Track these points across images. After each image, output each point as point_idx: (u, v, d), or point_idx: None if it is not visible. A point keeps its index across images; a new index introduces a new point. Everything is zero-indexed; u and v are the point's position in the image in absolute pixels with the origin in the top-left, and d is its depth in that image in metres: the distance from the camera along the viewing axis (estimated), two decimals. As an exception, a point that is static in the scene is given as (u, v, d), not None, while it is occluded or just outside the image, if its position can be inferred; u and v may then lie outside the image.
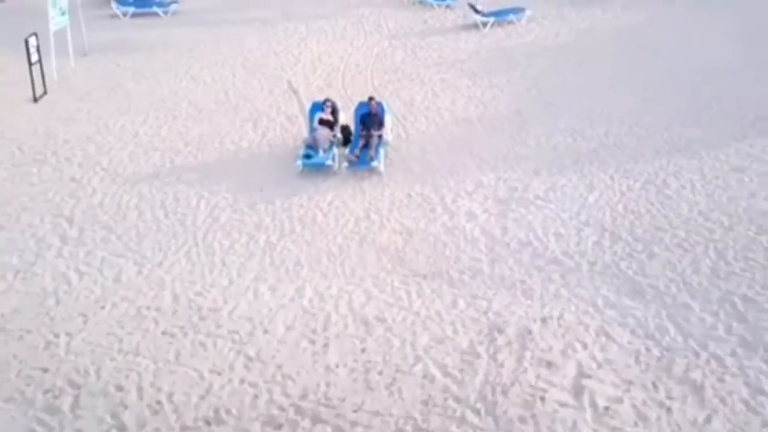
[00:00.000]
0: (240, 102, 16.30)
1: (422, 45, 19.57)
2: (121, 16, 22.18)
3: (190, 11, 22.66)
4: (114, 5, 22.29)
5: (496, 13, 20.77)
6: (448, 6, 22.13)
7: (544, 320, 9.39)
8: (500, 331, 9.21)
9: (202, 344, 9.21)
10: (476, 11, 20.63)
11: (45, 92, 16.49)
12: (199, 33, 20.80)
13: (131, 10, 22.29)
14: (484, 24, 20.45)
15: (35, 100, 16.32)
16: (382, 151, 13.30)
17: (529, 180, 12.62)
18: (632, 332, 9.14)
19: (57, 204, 12.51)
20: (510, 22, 20.74)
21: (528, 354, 8.83)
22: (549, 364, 8.67)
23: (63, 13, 17.44)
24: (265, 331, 9.38)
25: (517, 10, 21.02)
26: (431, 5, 22.29)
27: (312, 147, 13.23)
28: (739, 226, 11.06)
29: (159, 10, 22.33)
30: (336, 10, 22.42)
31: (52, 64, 17.15)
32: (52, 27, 17.04)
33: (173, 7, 22.51)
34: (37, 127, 15.26)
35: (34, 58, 16.12)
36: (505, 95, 16.25)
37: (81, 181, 13.22)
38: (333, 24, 21.16)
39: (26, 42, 15.89)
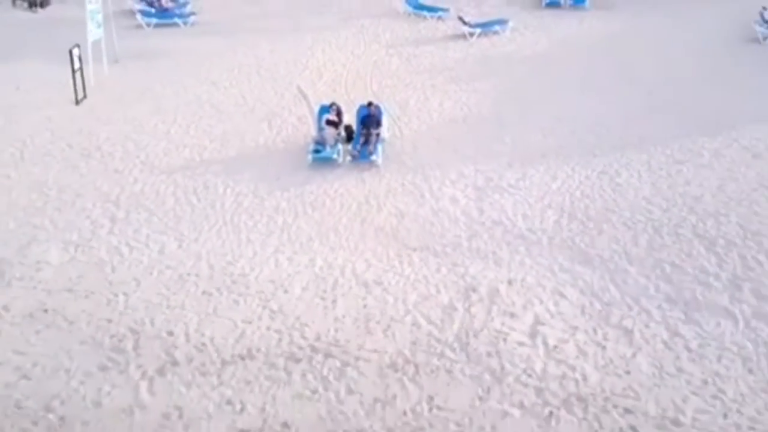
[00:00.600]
0: (256, 104, 18.31)
1: (416, 53, 21.57)
2: (145, 26, 24.13)
3: (207, 22, 24.59)
4: (139, 17, 24.25)
5: (482, 25, 22.77)
6: (440, 17, 24.09)
7: (510, 282, 11.46)
8: (474, 291, 11.28)
9: (235, 301, 11.28)
10: (464, 23, 22.62)
11: (85, 96, 18.50)
12: (216, 42, 22.77)
13: (154, 21, 24.26)
14: (471, 34, 22.43)
15: (77, 102, 18.33)
16: (379, 147, 15.33)
17: (503, 171, 14.67)
18: (580, 291, 11.21)
19: (105, 191, 14.56)
20: (495, 33, 22.74)
21: (495, 308, 10.91)
22: (512, 315, 10.75)
23: (99, 26, 19.46)
24: (285, 291, 11.44)
25: (502, 22, 23.02)
26: (425, 16, 24.25)
27: (320, 143, 15.27)
28: (674, 208, 13.13)
29: (179, 21, 24.30)
30: (339, 21, 24.37)
31: (89, 71, 19.16)
32: (90, 38, 19.06)
33: (192, 18, 24.46)
34: (81, 126, 17.27)
35: (77, 66, 18.14)
36: (487, 99, 18.27)
37: (123, 173, 15.27)
38: (336, 34, 23.11)
39: (70, 52, 17.91)
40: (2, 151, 16.17)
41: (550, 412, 9.05)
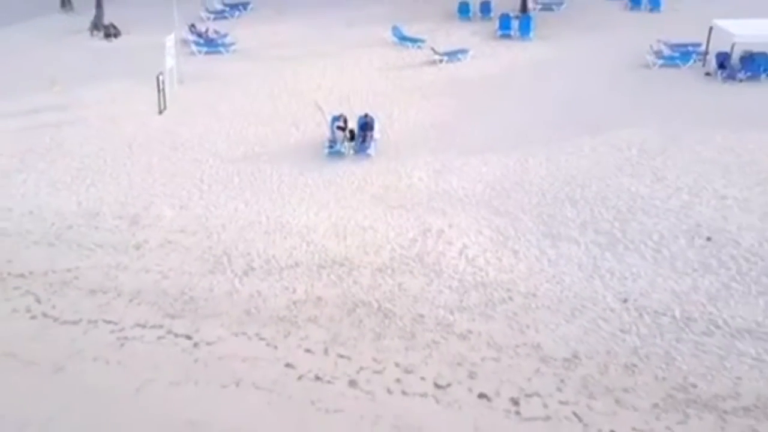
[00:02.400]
0: (286, 115, 24.78)
1: (399, 76, 28.07)
2: (197, 53, 30.62)
3: (242, 50, 31.01)
4: (192, 46, 30.75)
5: (449, 53, 29.22)
6: (418, 46, 30.48)
7: (450, 226, 18.13)
8: (428, 231, 17.96)
9: (284, 237, 17.93)
10: (435, 52, 29.13)
11: (165, 107, 25.11)
12: (251, 66, 29.26)
13: (204, 49, 30.74)
14: (441, 61, 28.94)
15: (160, 112, 24.93)
16: (373, 144, 21.89)
17: (453, 160, 21.24)
18: (491, 230, 17.87)
19: (191, 173, 21.14)
20: (458, 59, 29.26)
21: (440, 240, 17.59)
22: (449, 243, 17.42)
23: (172, 58, 26.00)
24: (314, 231, 18.09)
25: (464, 51, 29.45)
26: (407, 46, 30.72)
27: (332, 142, 21.89)
28: (557, 182, 19.77)
29: (222, 50, 30.79)
30: (341, 50, 30.65)
31: (166, 90, 25.73)
32: (167, 66, 25.60)
33: (232, 47, 30.95)
34: (166, 129, 23.87)
35: (161, 87, 24.74)
36: (449, 111, 24.81)
37: (201, 161, 21.89)
38: (340, 61, 29.46)
39: (157, 78, 24.52)
40: (117, 146, 22.80)
41: (465, 291, 15.81)
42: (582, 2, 35.85)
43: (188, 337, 15.23)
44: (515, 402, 13.29)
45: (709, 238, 17.00)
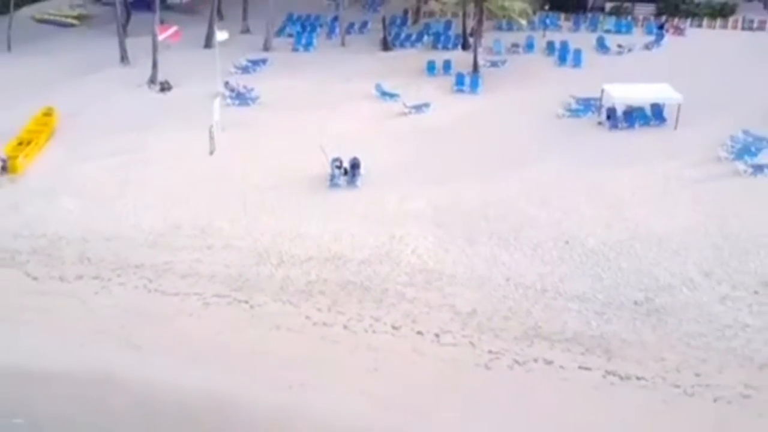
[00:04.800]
0: (300, 155, 33.76)
1: (379, 124, 36.87)
2: (232, 105, 39.68)
3: (264, 102, 39.35)
4: (228, 100, 39.80)
5: (416, 106, 38.07)
6: (395, 100, 39.53)
7: (407, 233, 27.23)
8: (393, 237, 27.19)
9: (302, 241, 27.11)
10: (405, 105, 38.17)
11: (214, 150, 34.23)
12: (272, 116, 37.85)
13: (237, 102, 39.85)
14: (410, 112, 38.04)
15: (211, 153, 34.05)
16: (359, 178, 31.03)
17: (413, 189, 30.26)
18: (435, 238, 27.08)
19: (237, 197, 30.19)
20: (423, 111, 38.30)
21: (401, 243, 26.79)
22: (406, 245, 26.62)
23: (218, 112, 35.11)
24: (321, 238, 27.29)
25: (427, 104, 38.31)
26: (386, 100, 39.75)
27: (332, 176, 31.09)
28: (478, 205, 28.95)
29: (250, 102, 39.87)
30: (337, 103, 38.83)
31: (215, 136, 34.77)
32: (215, 118, 34.68)
33: (257, 100, 39.99)
34: (216, 166, 32.88)
35: (212, 134, 33.86)
36: (413, 152, 33.69)
37: (243, 189, 30.95)
38: (336, 112, 37.35)
39: (210, 128, 33.65)
40: (181, 177, 31.81)
41: (414, 274, 25.05)
42: (521, 59, 44.90)
43: (246, 302, 24.46)
44: (437, 335, 22.57)
45: (567, 242, 26.28)
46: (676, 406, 20.19)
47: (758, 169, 30.36)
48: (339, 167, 31.12)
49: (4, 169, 32.15)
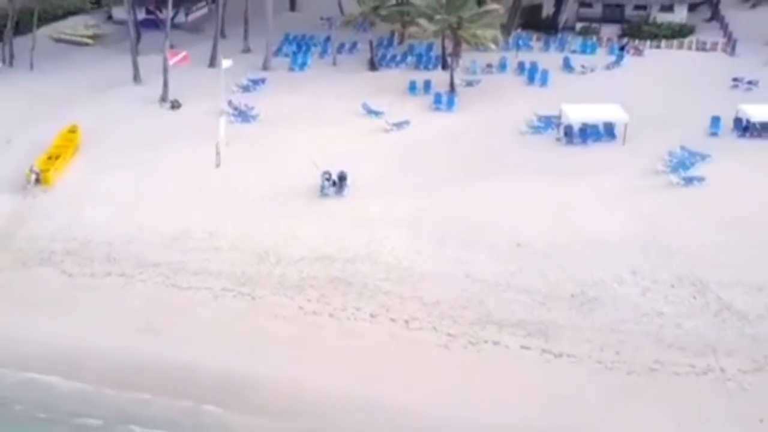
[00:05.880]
0: (297, 169, 38.03)
1: (364, 140, 41.13)
2: (234, 122, 44.01)
3: (264, 118, 44.02)
4: (231, 118, 44.16)
5: (397, 124, 42.51)
6: (380, 118, 43.92)
7: (386, 236, 31.75)
8: (374, 239, 31.83)
9: (296, 243, 31.63)
10: (387, 122, 42.59)
11: (220, 163, 38.66)
12: (270, 131, 42.05)
13: (239, 119, 44.25)
14: (392, 129, 42.35)
15: (217, 166, 38.45)
16: (346, 189, 35.47)
17: (393, 198, 34.71)
18: (408, 239, 31.63)
19: (241, 206, 34.72)
20: (403, 128, 42.73)
21: (380, 244, 31.37)
22: (383, 245, 31.23)
23: (223, 129, 39.53)
24: (313, 240, 31.80)
25: (407, 122, 42.71)
26: (373, 118, 44.09)
27: (323, 187, 35.55)
28: (447, 212, 33.49)
29: (251, 119, 44.26)
30: (329, 120, 43.39)
31: (221, 150, 39.16)
32: (220, 134, 39.10)
33: (258, 117, 44.40)
34: (223, 177, 37.30)
35: (218, 149, 38.27)
36: (394, 165, 38.13)
37: (246, 199, 35.41)
38: (327, 129, 41.40)
39: (216, 144, 38.09)
40: (191, 188, 36.22)
41: (390, 271, 29.58)
42: (494, 79, 49.33)
43: (249, 295, 29.00)
44: (407, 322, 27.17)
45: (518, 244, 30.84)
46: (597, 377, 24.76)
47: (689, 180, 34.93)
48: (328, 179, 35.58)
49: (38, 181, 36.49)
